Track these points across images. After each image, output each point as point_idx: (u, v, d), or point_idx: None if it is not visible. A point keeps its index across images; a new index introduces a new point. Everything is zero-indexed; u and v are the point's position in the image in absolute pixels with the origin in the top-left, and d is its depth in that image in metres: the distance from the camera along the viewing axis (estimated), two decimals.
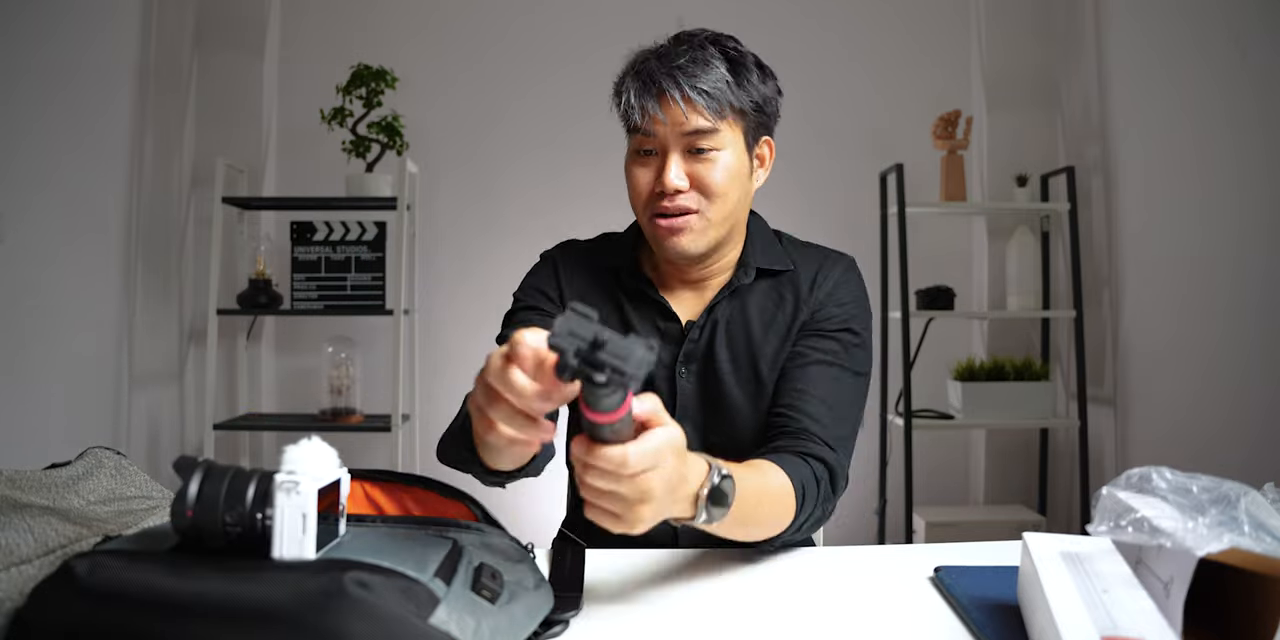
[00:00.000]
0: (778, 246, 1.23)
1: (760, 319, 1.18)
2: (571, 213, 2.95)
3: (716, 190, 1.10)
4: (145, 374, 2.62)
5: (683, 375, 1.17)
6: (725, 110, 1.09)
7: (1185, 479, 0.74)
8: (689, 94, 1.06)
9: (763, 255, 1.20)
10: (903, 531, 2.79)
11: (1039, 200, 2.95)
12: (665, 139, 1.09)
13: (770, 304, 1.19)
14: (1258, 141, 2.13)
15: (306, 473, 0.62)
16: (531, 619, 0.71)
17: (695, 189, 1.10)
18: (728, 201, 1.11)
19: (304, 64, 3.08)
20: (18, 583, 0.63)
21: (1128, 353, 2.70)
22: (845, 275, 1.22)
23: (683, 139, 1.09)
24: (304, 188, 3.01)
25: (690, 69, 1.07)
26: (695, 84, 1.07)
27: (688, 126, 1.08)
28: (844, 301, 1.19)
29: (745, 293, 1.19)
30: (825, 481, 1.02)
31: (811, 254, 1.23)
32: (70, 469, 0.82)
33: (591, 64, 3.10)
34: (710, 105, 1.07)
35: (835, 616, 0.84)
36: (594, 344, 0.60)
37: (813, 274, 1.20)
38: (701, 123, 1.08)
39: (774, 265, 1.20)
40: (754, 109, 1.12)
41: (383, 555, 0.63)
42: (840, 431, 1.09)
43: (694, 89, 1.07)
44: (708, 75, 1.08)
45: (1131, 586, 0.68)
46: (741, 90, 1.10)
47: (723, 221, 1.13)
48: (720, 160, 1.10)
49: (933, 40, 3.14)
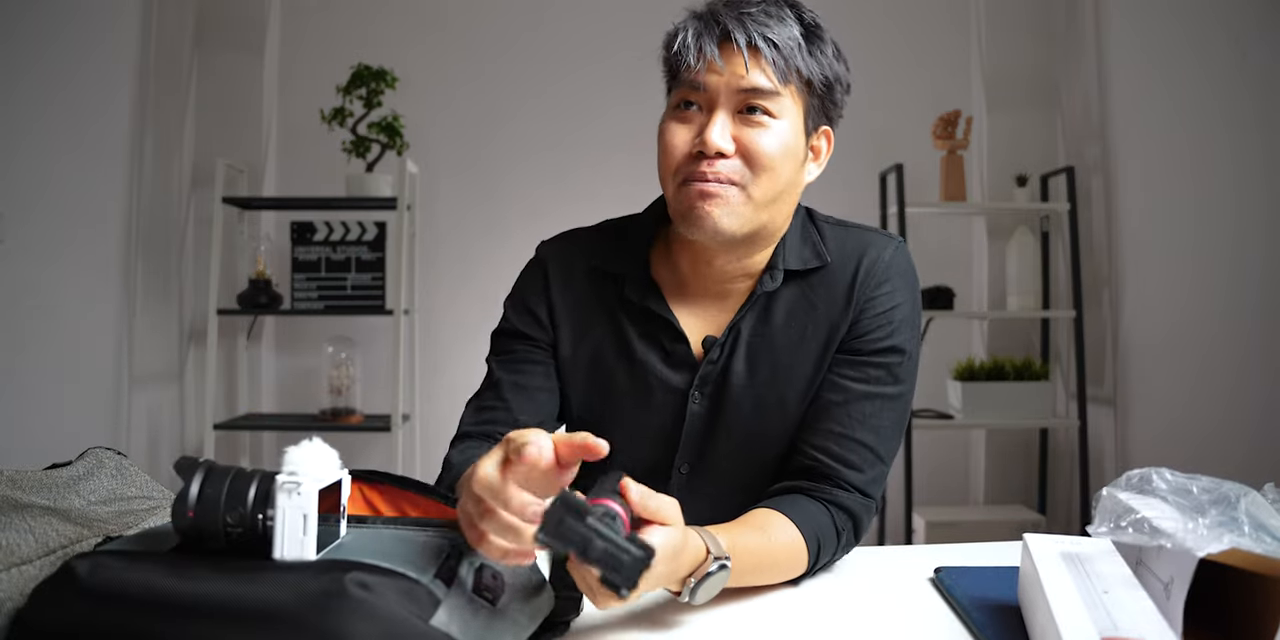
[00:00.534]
0: (813, 237, 1.04)
1: (787, 334, 1.01)
2: (572, 213, 2.94)
3: (766, 161, 0.93)
4: (145, 374, 2.62)
5: (695, 399, 1.02)
6: (791, 74, 0.94)
7: (1185, 480, 0.74)
8: (757, 43, 0.91)
9: (796, 255, 1.02)
10: (902, 532, 2.79)
11: (1039, 200, 2.95)
12: (716, 92, 0.93)
13: (800, 313, 1.01)
14: (1257, 141, 2.13)
15: (308, 474, 0.62)
16: (532, 620, 0.71)
17: (741, 156, 0.94)
18: (776, 180, 0.95)
19: (304, 64, 3.08)
20: (18, 583, 0.63)
21: (1127, 353, 2.70)
22: (891, 268, 1.02)
23: (737, 96, 0.93)
24: (304, 188, 3.01)
25: (762, 18, 0.93)
26: (766, 34, 0.92)
27: (747, 82, 0.92)
28: (890, 306, 1.01)
29: (771, 301, 1.02)
30: (848, 531, 0.96)
31: (852, 241, 1.04)
32: (71, 469, 0.82)
33: (591, 63, 3.11)
34: (778, 62, 0.92)
35: (835, 617, 0.84)
36: (583, 551, 0.61)
37: (852, 270, 1.02)
38: (763, 81, 0.92)
39: (807, 263, 1.02)
40: (823, 85, 0.97)
41: (384, 556, 0.63)
42: (877, 473, 0.99)
43: (764, 39, 0.92)
44: (781, 29, 0.93)
45: (1132, 587, 0.68)
46: (813, 58, 0.95)
47: (766, 204, 0.95)
48: (776, 128, 0.94)
49: (933, 40, 3.14)
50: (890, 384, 1.00)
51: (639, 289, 1.04)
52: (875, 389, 0.99)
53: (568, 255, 1.09)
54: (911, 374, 1.03)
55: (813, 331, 1.01)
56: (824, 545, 0.92)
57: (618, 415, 0.75)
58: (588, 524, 0.61)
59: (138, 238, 2.59)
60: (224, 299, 2.78)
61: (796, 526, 0.91)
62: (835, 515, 0.95)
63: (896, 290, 1.02)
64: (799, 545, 0.90)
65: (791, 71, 0.94)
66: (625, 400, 1.03)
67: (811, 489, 0.96)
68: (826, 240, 1.04)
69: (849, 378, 1.00)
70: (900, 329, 1.01)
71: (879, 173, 2.94)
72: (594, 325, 1.06)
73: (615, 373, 1.04)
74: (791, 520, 0.91)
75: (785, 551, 0.89)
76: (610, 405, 0.75)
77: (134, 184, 2.57)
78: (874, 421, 0.99)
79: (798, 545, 0.90)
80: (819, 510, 0.94)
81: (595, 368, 1.05)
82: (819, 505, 0.95)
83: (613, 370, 1.05)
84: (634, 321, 1.05)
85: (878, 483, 0.99)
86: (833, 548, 0.94)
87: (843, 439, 0.98)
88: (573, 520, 0.61)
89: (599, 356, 1.06)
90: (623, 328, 1.05)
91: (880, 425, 0.99)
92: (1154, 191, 2.58)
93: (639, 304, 1.04)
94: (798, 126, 0.96)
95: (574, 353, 1.06)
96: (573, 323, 1.06)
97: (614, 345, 1.05)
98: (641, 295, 1.04)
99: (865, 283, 1.01)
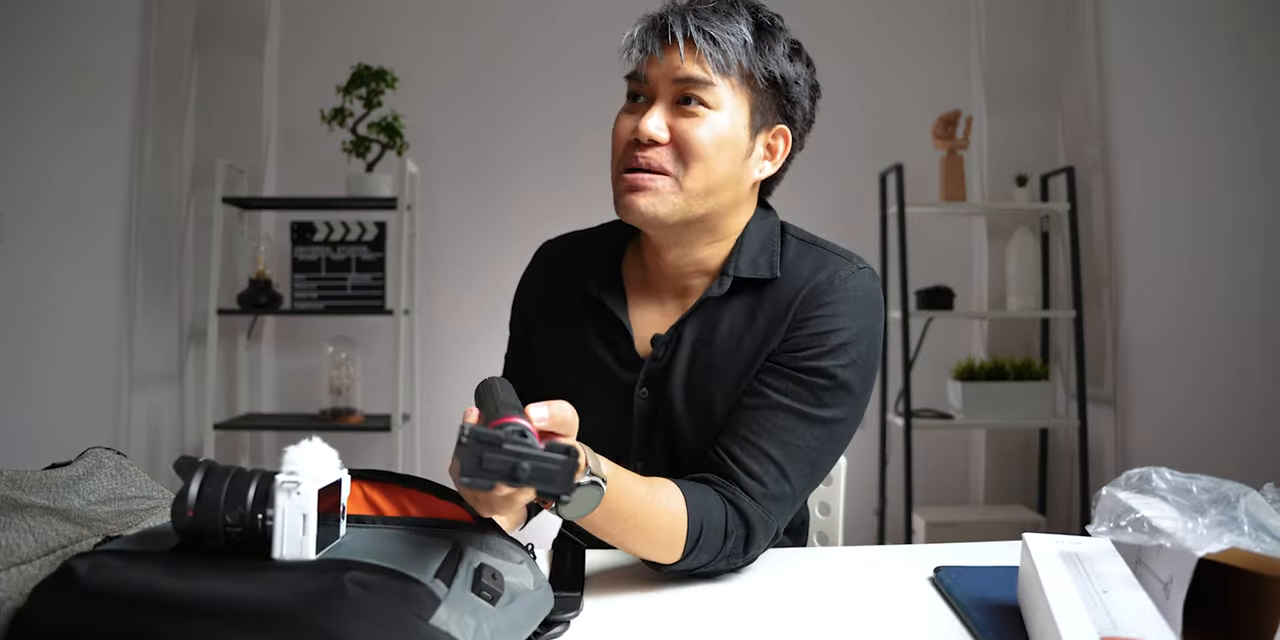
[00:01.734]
0: (774, 249, 1.03)
1: (725, 340, 1.01)
2: (572, 213, 2.94)
3: (698, 151, 0.95)
4: (145, 374, 2.62)
5: (642, 395, 1.03)
6: (730, 68, 0.95)
7: (1185, 479, 0.74)
8: (693, 35, 0.94)
9: (749, 262, 1.02)
10: (902, 531, 2.79)
11: (1039, 200, 2.95)
12: (656, 83, 0.97)
13: (741, 322, 1.01)
14: (1257, 141, 2.13)
15: (307, 473, 0.62)
16: (532, 619, 0.71)
17: (674, 145, 0.96)
18: (709, 171, 0.96)
19: (304, 64, 3.08)
20: (18, 583, 0.63)
21: (1127, 353, 2.70)
22: (840, 291, 0.99)
23: (673, 86, 0.96)
24: (304, 188, 3.01)
25: (706, 15, 0.96)
26: (704, 27, 0.95)
27: (682, 72, 0.95)
28: (828, 328, 0.98)
29: (719, 307, 1.02)
30: (737, 538, 0.92)
31: (810, 259, 1.02)
32: (71, 469, 0.82)
33: (591, 63, 3.10)
34: (714, 55, 0.94)
35: (835, 616, 0.84)
36: (511, 478, 0.61)
37: (799, 286, 1.00)
38: (697, 71, 0.95)
39: (756, 272, 1.01)
40: (768, 82, 0.98)
41: (383, 556, 0.63)
42: (780, 491, 0.95)
43: (700, 32, 0.95)
44: (724, 26, 0.96)
45: (1131, 587, 0.68)
46: (759, 55, 0.97)
47: (700, 195, 0.97)
48: (711, 119, 0.96)
49: (933, 40, 3.14)
50: (814, 406, 0.96)
51: (598, 283, 1.07)
52: (793, 403, 0.96)
53: (553, 252, 1.16)
54: (844, 404, 0.98)
55: (749, 341, 1.00)
56: (706, 536, 0.89)
57: (579, 408, 0.76)
58: (505, 450, 0.61)
59: (138, 238, 2.59)
60: (224, 299, 2.78)
61: (686, 504, 0.89)
62: (730, 515, 0.92)
63: (841, 315, 0.98)
64: (680, 520, 0.88)
65: (731, 65, 0.95)
66: (584, 394, 1.00)
67: (718, 484, 0.95)
68: (785, 254, 1.03)
69: (769, 386, 0.98)
70: (836, 354, 0.97)
71: (879, 173, 2.94)
72: (561, 321, 1.10)
73: (575, 367, 1.08)
74: (685, 497, 0.90)
75: (663, 518, 0.87)
76: (572, 399, 0.76)
77: (134, 184, 2.57)
78: (785, 436, 0.96)
79: (678, 519, 0.88)
80: (716, 502, 0.92)
81: (559, 361, 1.10)
82: (719, 499, 0.93)
83: (573, 364, 1.08)
84: (594, 317, 1.07)
85: (780, 502, 0.95)
86: (716, 546, 0.90)
87: (747, 444, 0.96)
88: (490, 453, 0.60)
89: (562, 351, 1.09)
90: (583, 323, 1.08)
91: (791, 442, 0.95)
92: (1154, 191, 2.58)
93: (596, 298, 1.07)
94: (739, 119, 0.97)
95: (544, 347, 1.12)
96: (544, 318, 1.12)
97: (574, 340, 1.08)
98: (600, 289, 1.07)
99: (807, 301, 0.99)
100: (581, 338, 1.07)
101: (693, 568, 0.91)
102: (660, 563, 0.90)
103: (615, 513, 0.82)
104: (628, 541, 0.87)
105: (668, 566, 0.90)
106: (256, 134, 3.00)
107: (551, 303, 1.12)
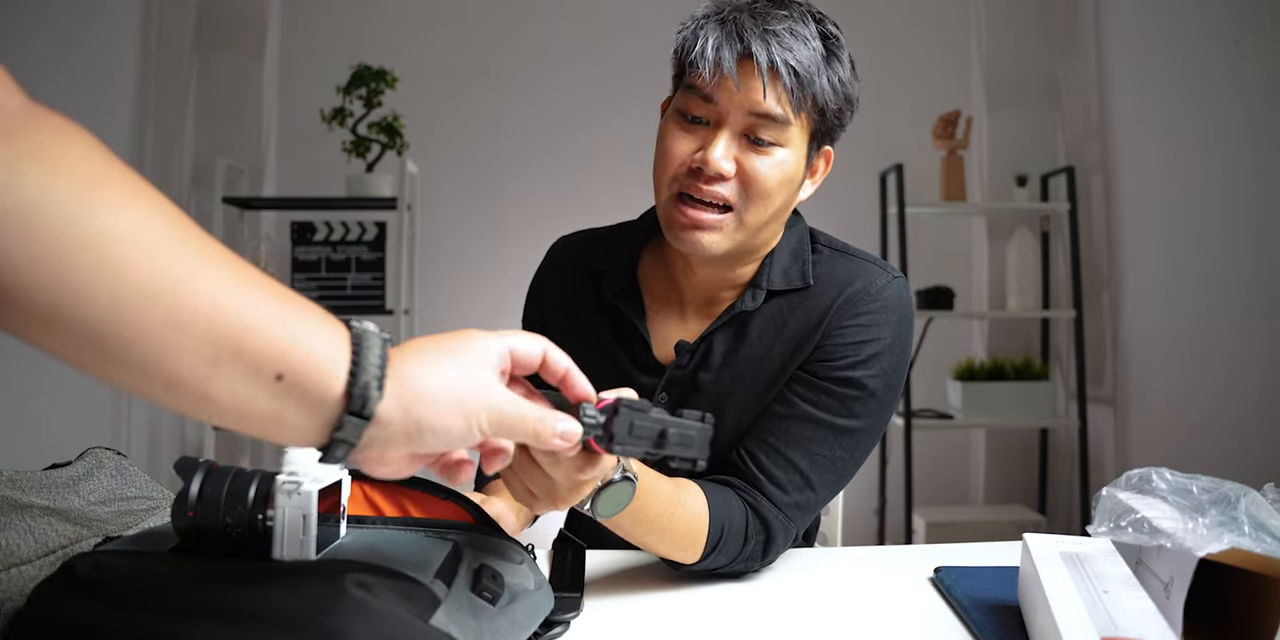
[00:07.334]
0: (806, 258, 1.02)
1: (755, 348, 1.00)
2: (572, 213, 2.95)
3: (763, 192, 0.92)
4: None
5: (662, 400, 1.02)
6: (806, 102, 0.91)
7: (1185, 480, 0.74)
8: (778, 68, 0.88)
9: (781, 274, 1.01)
10: (902, 531, 2.79)
11: (1039, 200, 2.95)
12: (726, 110, 0.91)
13: (772, 330, 1.00)
14: (1257, 142, 2.13)
15: (307, 474, 0.62)
16: (532, 620, 0.71)
17: (739, 180, 0.92)
18: (770, 207, 0.94)
19: (304, 64, 3.08)
20: (18, 583, 0.63)
21: (1127, 353, 2.70)
22: (876, 300, 0.98)
23: (746, 119, 0.91)
24: (304, 188, 3.01)
25: (786, 40, 0.89)
26: (788, 59, 0.88)
27: (761, 107, 0.90)
28: (863, 338, 0.97)
29: (749, 316, 1.01)
30: (757, 542, 0.92)
31: (844, 268, 1.01)
32: (70, 469, 0.82)
33: (592, 64, 3.11)
34: (795, 90, 0.89)
35: (835, 616, 0.84)
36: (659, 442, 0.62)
37: (834, 296, 0.98)
38: (776, 109, 0.90)
39: (790, 284, 1.00)
40: (834, 111, 0.95)
41: (383, 557, 0.63)
42: (803, 499, 0.95)
43: (785, 65, 0.88)
44: (803, 51, 0.89)
45: (1131, 587, 0.68)
46: (828, 84, 0.92)
47: (756, 229, 0.95)
48: (779, 157, 0.92)
49: (933, 40, 3.15)
50: (843, 416, 0.96)
51: (615, 287, 1.05)
52: (823, 415, 0.96)
53: (567, 251, 1.14)
54: (871, 414, 0.97)
55: (780, 349, 0.99)
56: (726, 539, 0.89)
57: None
58: (653, 418, 0.62)
59: None
60: None
61: (709, 506, 0.89)
62: (751, 519, 0.92)
63: (876, 324, 0.97)
64: (702, 522, 0.88)
65: (807, 98, 0.91)
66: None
67: (741, 488, 0.95)
68: (818, 264, 1.02)
69: (799, 396, 0.97)
70: (869, 364, 0.96)
71: (879, 173, 2.94)
72: (577, 322, 1.08)
73: (592, 368, 1.05)
74: (708, 499, 0.90)
75: (687, 519, 0.86)
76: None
77: None
78: (811, 446, 0.95)
79: (701, 521, 0.88)
80: (738, 506, 0.92)
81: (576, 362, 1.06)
82: (740, 503, 0.93)
83: (590, 365, 1.05)
84: (611, 321, 1.06)
85: (803, 510, 0.95)
86: (735, 549, 0.91)
87: (774, 452, 0.95)
88: (640, 421, 0.62)
89: (579, 353, 1.07)
90: (600, 326, 1.06)
91: (818, 453, 0.95)
92: (1154, 191, 2.58)
93: (613, 303, 1.05)
94: (800, 153, 0.95)
95: (561, 346, 1.07)
96: (560, 318, 1.10)
97: (592, 342, 1.06)
98: (616, 294, 1.05)
99: (842, 309, 0.98)
100: (599, 340, 1.06)
101: (710, 569, 0.92)
102: (679, 562, 0.91)
103: (642, 511, 0.82)
104: (650, 541, 0.87)
105: (686, 567, 0.91)
106: (256, 134, 3.00)
107: (567, 303, 1.10)
